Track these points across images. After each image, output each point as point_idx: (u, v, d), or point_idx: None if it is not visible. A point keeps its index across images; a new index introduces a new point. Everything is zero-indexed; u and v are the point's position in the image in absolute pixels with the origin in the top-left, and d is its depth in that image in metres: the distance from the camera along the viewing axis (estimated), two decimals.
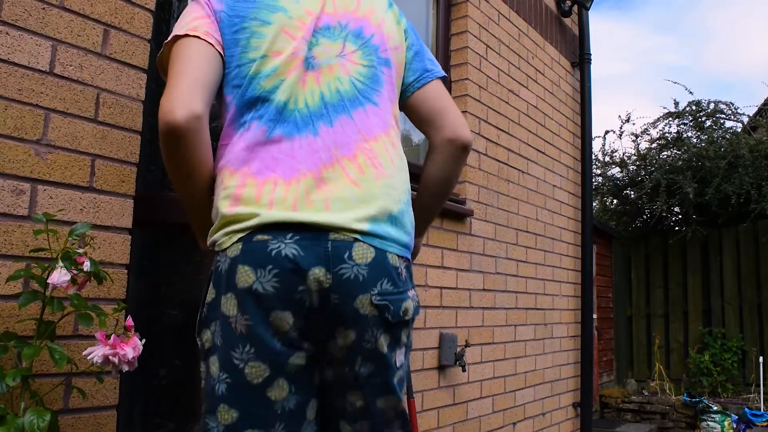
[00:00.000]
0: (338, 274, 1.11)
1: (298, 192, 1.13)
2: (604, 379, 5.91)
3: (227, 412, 1.12)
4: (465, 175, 3.08)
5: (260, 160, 1.15)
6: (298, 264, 1.09)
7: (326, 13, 1.26)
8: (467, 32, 3.19)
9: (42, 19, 1.39)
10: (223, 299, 1.12)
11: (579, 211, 4.27)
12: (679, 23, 55.71)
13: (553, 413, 3.78)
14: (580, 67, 4.36)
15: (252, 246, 1.10)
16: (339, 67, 1.23)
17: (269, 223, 1.10)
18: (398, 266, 1.19)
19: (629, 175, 7.08)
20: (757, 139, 6.27)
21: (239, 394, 1.11)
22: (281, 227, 1.10)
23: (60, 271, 1.16)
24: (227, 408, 1.12)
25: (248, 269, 1.09)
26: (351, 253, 1.12)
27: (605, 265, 6.28)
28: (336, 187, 1.15)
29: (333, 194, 1.14)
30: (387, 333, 1.18)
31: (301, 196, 1.12)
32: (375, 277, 1.14)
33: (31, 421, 1.09)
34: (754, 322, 5.90)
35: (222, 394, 1.12)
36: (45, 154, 1.38)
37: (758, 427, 4.61)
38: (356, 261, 1.12)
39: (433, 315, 2.74)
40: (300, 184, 1.13)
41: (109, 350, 1.17)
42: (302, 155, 1.15)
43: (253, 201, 1.12)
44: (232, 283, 1.10)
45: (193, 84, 1.12)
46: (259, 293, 1.08)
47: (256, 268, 1.09)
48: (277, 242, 1.09)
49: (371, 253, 1.14)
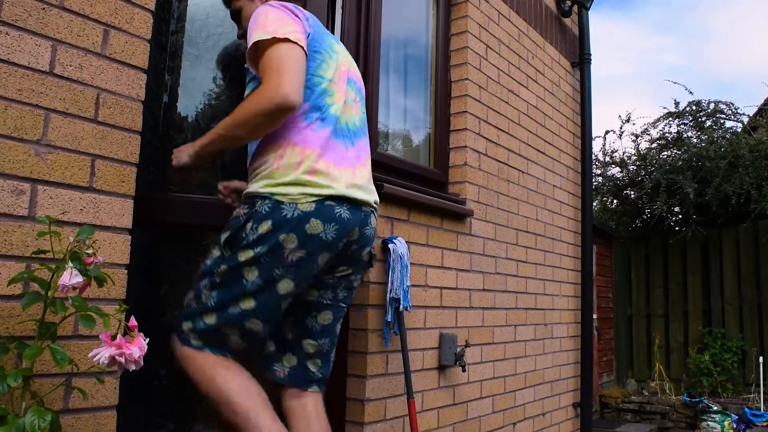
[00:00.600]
0: (363, 232, 1.70)
1: (348, 179, 1.65)
2: (604, 379, 5.91)
3: (249, 302, 1.57)
4: (465, 175, 3.08)
5: (334, 151, 1.64)
6: (349, 224, 1.62)
7: (347, 69, 1.80)
8: (467, 32, 3.19)
9: (42, 19, 1.39)
10: (283, 236, 1.54)
11: (579, 211, 4.27)
12: (679, 23, 55.78)
13: (553, 413, 3.79)
14: (580, 67, 4.37)
15: (324, 207, 1.58)
16: (353, 109, 1.79)
17: (336, 195, 1.60)
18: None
19: (629, 175, 7.08)
20: (757, 139, 6.27)
21: (265, 297, 1.57)
22: (341, 199, 1.61)
23: (70, 272, 1.16)
24: (250, 299, 1.57)
25: (319, 222, 1.57)
26: (371, 220, 1.73)
27: (605, 265, 6.28)
28: (363, 179, 1.72)
29: (362, 183, 1.70)
30: (363, 274, 1.83)
31: (349, 181, 1.65)
32: (374, 236, 1.78)
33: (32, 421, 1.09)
34: (754, 322, 5.91)
35: (251, 291, 1.56)
36: (45, 154, 1.38)
37: (758, 427, 4.61)
38: (372, 225, 1.74)
39: (433, 315, 2.74)
40: (347, 173, 1.66)
41: (115, 351, 1.18)
42: (348, 156, 1.70)
43: (330, 178, 1.61)
44: (300, 227, 1.54)
45: (300, 81, 1.55)
46: (322, 239, 1.58)
47: (325, 222, 1.57)
48: (339, 208, 1.61)
49: (376, 220, 1.77)
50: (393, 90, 2.99)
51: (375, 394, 2.36)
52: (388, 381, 2.43)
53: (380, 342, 2.41)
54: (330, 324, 1.75)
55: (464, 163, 3.08)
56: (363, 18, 2.69)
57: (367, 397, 2.33)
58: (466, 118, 3.12)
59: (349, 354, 2.39)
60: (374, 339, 2.39)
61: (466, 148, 3.10)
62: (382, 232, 2.48)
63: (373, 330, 2.39)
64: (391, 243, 2.43)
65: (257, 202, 1.57)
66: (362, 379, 2.34)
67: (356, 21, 2.66)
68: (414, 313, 2.61)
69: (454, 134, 3.14)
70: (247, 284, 1.56)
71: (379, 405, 2.38)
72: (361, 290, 2.40)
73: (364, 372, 2.34)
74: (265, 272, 1.56)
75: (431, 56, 3.19)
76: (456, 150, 3.12)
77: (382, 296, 2.43)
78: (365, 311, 2.38)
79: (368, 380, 2.34)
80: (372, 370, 2.36)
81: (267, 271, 1.56)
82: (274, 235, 1.54)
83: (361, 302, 2.40)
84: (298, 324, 1.73)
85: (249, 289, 1.56)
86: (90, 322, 1.21)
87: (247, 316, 1.57)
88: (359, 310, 2.40)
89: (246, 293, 1.56)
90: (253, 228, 1.55)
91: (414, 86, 3.16)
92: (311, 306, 1.73)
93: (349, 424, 2.33)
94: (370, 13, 2.71)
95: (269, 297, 1.58)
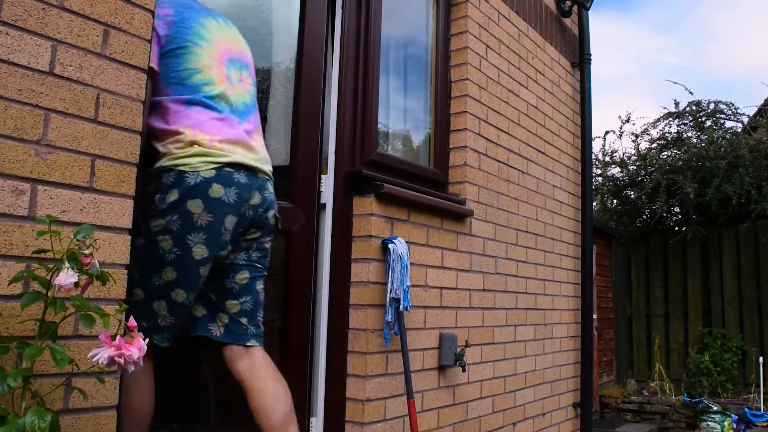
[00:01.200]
0: (264, 196, 1.82)
1: (242, 151, 1.78)
2: (604, 379, 5.91)
3: (170, 273, 1.68)
4: (465, 175, 3.08)
5: (226, 131, 1.77)
6: (247, 188, 1.76)
7: (226, 48, 1.88)
8: (467, 32, 3.19)
9: (42, 20, 1.39)
10: (190, 201, 1.66)
11: (579, 211, 4.27)
12: (679, 23, 55.85)
13: (553, 413, 3.79)
14: (580, 67, 4.37)
15: (223, 173, 1.71)
16: (241, 87, 1.88)
17: (233, 162, 1.74)
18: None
19: (629, 175, 7.08)
20: (757, 139, 6.27)
21: (183, 265, 1.68)
22: (238, 166, 1.75)
23: (66, 272, 1.16)
24: (171, 270, 1.68)
25: (220, 186, 1.69)
26: (268, 185, 1.85)
27: (605, 265, 6.28)
28: (256, 151, 1.84)
29: (256, 155, 1.83)
30: (272, 236, 1.92)
31: (244, 152, 1.79)
32: (274, 200, 1.89)
33: (32, 421, 1.09)
34: (754, 322, 5.91)
35: (170, 261, 1.67)
36: (45, 154, 1.38)
37: (758, 427, 4.62)
38: (270, 190, 1.86)
39: (433, 315, 2.74)
40: (241, 146, 1.79)
41: (114, 351, 1.17)
42: (240, 131, 1.82)
43: (225, 151, 1.74)
44: (203, 192, 1.67)
45: None
46: (225, 202, 1.70)
47: (225, 187, 1.70)
48: (237, 175, 1.74)
49: (272, 188, 1.89)
50: (393, 90, 2.99)
51: (375, 394, 2.36)
52: (388, 381, 2.43)
53: (380, 342, 2.41)
54: (248, 283, 1.84)
55: (464, 163, 3.08)
56: (363, 18, 2.69)
57: (367, 397, 2.33)
58: (466, 118, 3.12)
59: (349, 354, 2.39)
60: (374, 339, 2.39)
61: (466, 148, 3.10)
62: (382, 232, 2.48)
63: (373, 330, 2.39)
64: (391, 243, 2.43)
65: (162, 176, 1.70)
66: (362, 379, 2.34)
67: (356, 21, 2.66)
68: (414, 313, 2.61)
69: (454, 134, 3.14)
70: (164, 254, 1.67)
71: (379, 405, 2.38)
72: (362, 290, 2.41)
73: (364, 372, 2.34)
74: (179, 240, 1.66)
75: (431, 56, 3.19)
76: (456, 150, 3.12)
77: (382, 296, 2.43)
78: (365, 311, 2.38)
79: (368, 380, 2.34)
80: (372, 370, 2.36)
81: (180, 239, 1.66)
82: (181, 202, 1.66)
83: (362, 302, 2.40)
84: (219, 287, 1.83)
85: (167, 258, 1.67)
86: (90, 322, 1.21)
87: (170, 287, 1.68)
88: (359, 310, 2.40)
89: (165, 263, 1.67)
90: (161, 199, 1.68)
91: (414, 86, 3.16)
92: (228, 268, 1.82)
93: (349, 424, 2.34)
94: (370, 13, 2.71)
95: (187, 264, 1.68)
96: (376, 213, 2.45)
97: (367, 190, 2.45)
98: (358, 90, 2.62)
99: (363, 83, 2.64)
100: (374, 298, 2.41)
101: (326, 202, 2.43)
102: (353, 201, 2.48)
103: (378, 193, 2.44)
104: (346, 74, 2.57)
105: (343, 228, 2.47)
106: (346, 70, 2.57)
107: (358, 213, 2.47)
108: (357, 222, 2.47)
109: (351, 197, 2.48)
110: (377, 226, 2.45)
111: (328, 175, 2.45)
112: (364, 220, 2.45)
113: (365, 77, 2.64)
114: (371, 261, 2.41)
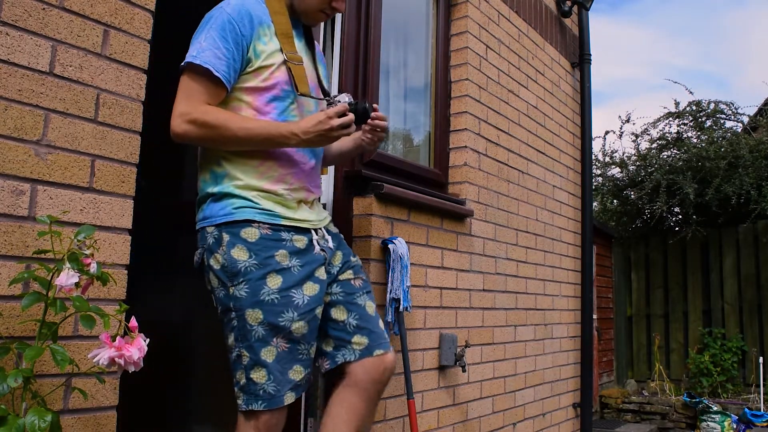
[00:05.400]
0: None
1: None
2: (604, 380, 5.91)
3: (298, 323, 1.56)
4: (465, 175, 3.08)
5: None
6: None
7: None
8: (467, 32, 3.19)
9: (42, 20, 1.39)
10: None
11: (579, 211, 4.27)
12: (692, 26, 55.91)
13: (553, 413, 3.78)
14: (580, 67, 4.37)
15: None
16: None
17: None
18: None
19: (629, 175, 7.07)
20: (757, 140, 6.26)
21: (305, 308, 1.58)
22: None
23: (67, 273, 1.16)
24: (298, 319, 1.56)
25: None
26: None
27: (605, 266, 6.28)
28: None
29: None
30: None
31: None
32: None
33: (33, 421, 1.09)
34: (754, 322, 5.90)
35: (297, 305, 1.56)
36: (45, 154, 1.38)
37: (758, 427, 4.61)
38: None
39: (433, 315, 2.74)
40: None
41: (114, 352, 1.17)
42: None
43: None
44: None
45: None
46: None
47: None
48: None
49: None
50: (393, 90, 2.99)
51: None
52: None
53: None
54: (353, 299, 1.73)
55: (464, 164, 3.08)
56: (363, 18, 2.69)
57: None
58: (466, 118, 3.12)
59: None
60: None
61: (466, 148, 3.10)
62: (382, 233, 2.48)
63: None
64: (391, 243, 2.43)
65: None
66: None
67: (356, 21, 2.66)
68: (414, 313, 2.61)
69: (454, 134, 3.14)
70: (296, 299, 1.57)
71: (379, 405, 2.38)
72: None
73: None
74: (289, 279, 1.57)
75: (431, 56, 3.19)
76: (456, 150, 3.12)
77: (382, 296, 2.43)
78: None
79: None
80: None
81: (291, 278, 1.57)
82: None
83: None
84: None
85: (299, 303, 1.57)
86: (90, 323, 1.21)
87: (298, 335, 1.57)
88: None
89: (291, 309, 1.56)
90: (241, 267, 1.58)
91: (414, 87, 3.16)
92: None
93: None
94: (369, 14, 2.71)
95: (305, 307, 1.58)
96: (376, 213, 2.45)
97: (367, 190, 2.45)
98: (358, 90, 2.62)
99: (363, 83, 2.64)
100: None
101: (326, 203, 2.43)
102: (353, 201, 2.48)
103: (378, 194, 2.44)
104: (346, 74, 2.57)
105: (343, 228, 2.46)
106: (346, 71, 2.57)
107: (357, 213, 2.47)
108: (357, 222, 2.47)
109: (351, 197, 2.48)
110: (377, 227, 2.45)
111: (327, 175, 2.45)
112: (364, 221, 2.45)
113: (365, 77, 2.64)
114: (371, 261, 2.41)
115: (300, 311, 1.56)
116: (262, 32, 1.61)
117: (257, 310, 1.53)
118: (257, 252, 1.55)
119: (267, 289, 1.53)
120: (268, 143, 1.57)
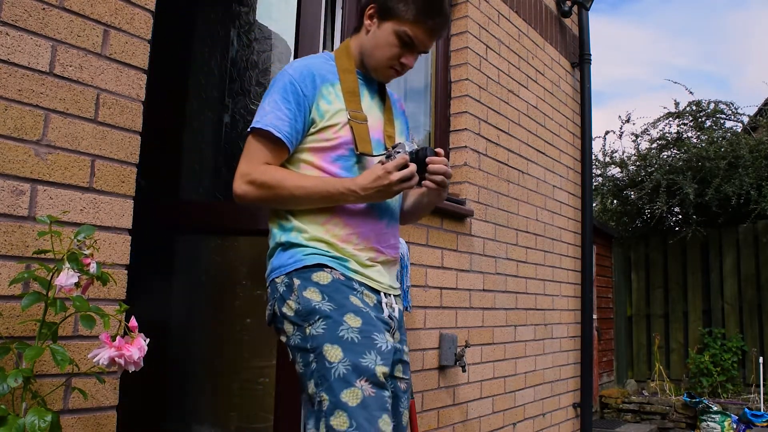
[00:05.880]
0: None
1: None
2: (604, 380, 5.91)
3: (371, 355, 1.37)
4: (465, 175, 3.08)
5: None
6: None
7: None
8: (467, 32, 3.19)
9: (42, 20, 1.39)
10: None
11: (579, 211, 4.27)
12: (692, 26, 55.89)
13: (553, 413, 3.78)
14: (580, 67, 4.37)
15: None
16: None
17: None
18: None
19: (629, 175, 7.07)
20: (757, 140, 6.27)
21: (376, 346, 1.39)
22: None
23: (67, 273, 1.16)
24: (373, 352, 1.37)
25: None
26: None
27: (605, 266, 6.28)
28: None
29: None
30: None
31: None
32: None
33: (32, 421, 1.09)
34: (754, 322, 5.90)
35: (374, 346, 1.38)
36: (45, 154, 1.38)
37: (758, 427, 4.61)
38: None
39: (433, 315, 2.74)
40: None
41: (114, 352, 1.17)
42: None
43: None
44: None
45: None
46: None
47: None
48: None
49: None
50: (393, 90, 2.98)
51: None
52: None
53: None
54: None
55: (464, 164, 3.08)
56: None
57: None
58: (466, 118, 3.12)
59: None
60: None
61: (466, 148, 3.10)
62: None
63: None
64: None
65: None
66: None
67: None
68: (414, 313, 2.61)
69: (454, 134, 3.14)
70: (376, 340, 1.41)
71: None
72: None
73: None
74: (365, 318, 1.42)
75: (431, 57, 3.19)
76: (456, 150, 3.12)
77: None
78: None
79: None
80: None
81: (367, 317, 1.43)
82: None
83: None
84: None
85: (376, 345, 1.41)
86: (90, 323, 1.21)
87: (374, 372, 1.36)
88: None
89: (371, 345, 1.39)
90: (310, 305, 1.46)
91: (414, 87, 3.16)
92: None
93: None
94: None
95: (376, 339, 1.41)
96: None
97: None
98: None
99: None
100: None
101: None
102: None
103: None
104: None
105: None
106: None
107: None
108: None
109: None
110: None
111: None
112: None
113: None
114: None
115: (383, 356, 1.38)
116: (326, 91, 1.55)
117: (336, 346, 1.36)
118: (330, 294, 1.43)
119: (346, 326, 1.38)
120: (326, 200, 1.48)
